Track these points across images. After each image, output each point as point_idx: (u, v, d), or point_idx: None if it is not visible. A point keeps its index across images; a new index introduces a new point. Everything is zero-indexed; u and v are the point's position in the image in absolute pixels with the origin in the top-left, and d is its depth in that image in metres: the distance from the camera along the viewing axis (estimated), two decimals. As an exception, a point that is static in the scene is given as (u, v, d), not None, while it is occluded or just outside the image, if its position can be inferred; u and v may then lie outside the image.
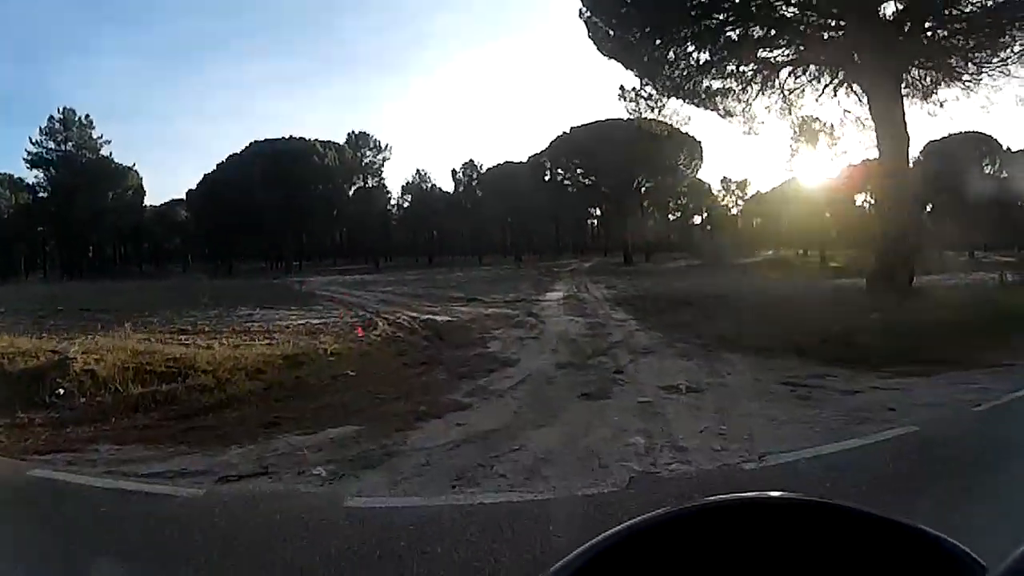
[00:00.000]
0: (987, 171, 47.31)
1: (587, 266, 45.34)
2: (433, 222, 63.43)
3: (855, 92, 17.83)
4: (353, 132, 58.32)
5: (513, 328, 12.37)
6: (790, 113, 19.52)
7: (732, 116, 19.09)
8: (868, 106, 17.05)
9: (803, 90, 18.65)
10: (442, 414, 6.00)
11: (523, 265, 47.77)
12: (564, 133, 52.56)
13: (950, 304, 12.54)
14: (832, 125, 25.74)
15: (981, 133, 42.37)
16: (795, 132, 52.64)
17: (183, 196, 57.21)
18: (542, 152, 54.53)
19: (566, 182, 55.65)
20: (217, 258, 57.38)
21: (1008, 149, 45.40)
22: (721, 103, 18.98)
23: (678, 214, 66.26)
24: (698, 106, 19.56)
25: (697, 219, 67.12)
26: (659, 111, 22.69)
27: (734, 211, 66.07)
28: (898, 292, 13.99)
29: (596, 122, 50.29)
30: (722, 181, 64.23)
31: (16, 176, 49.90)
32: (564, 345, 10.28)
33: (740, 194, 64.99)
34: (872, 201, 40.48)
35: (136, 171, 52.76)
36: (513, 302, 18.35)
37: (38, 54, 77.72)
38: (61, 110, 49.75)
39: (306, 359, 8.36)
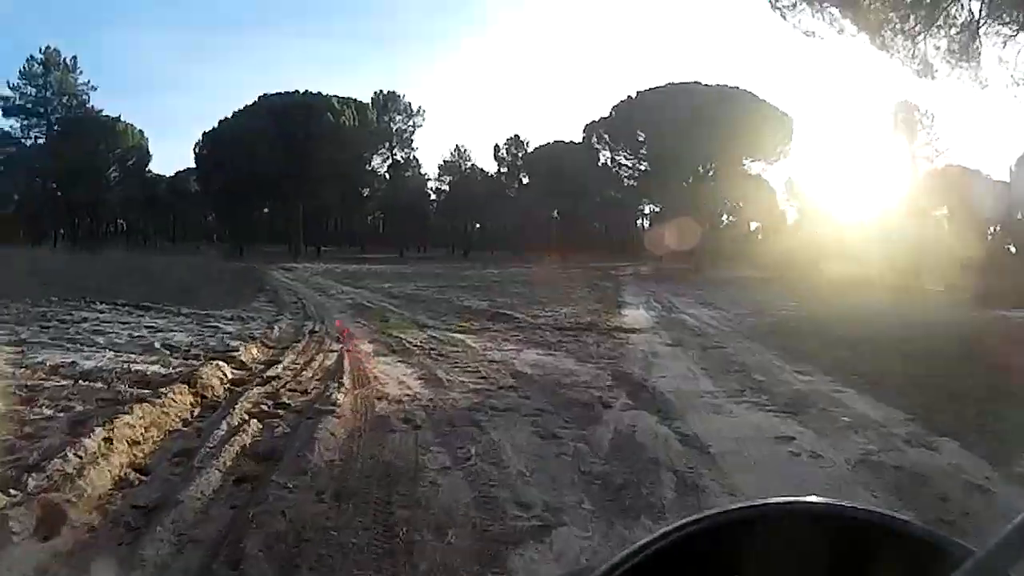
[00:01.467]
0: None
1: (645, 270, 36.60)
2: (471, 208, 55.40)
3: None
4: (380, 91, 50.79)
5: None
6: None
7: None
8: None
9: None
10: None
11: (569, 264, 39.35)
12: (628, 98, 44.28)
13: None
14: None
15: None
16: (894, 119, 44.05)
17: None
18: (599, 122, 46.26)
19: (623, 163, 47.29)
20: (234, 237, 50.41)
21: None
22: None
23: (731, 217, 55.25)
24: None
25: (754, 224, 55.96)
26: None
27: (793, 217, 55.29)
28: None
29: (668, 85, 42.29)
30: (786, 183, 53.45)
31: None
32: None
33: (800, 199, 54.40)
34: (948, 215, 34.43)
35: (136, 128, 45.93)
36: (576, 329, 10.57)
37: (68, 27, 72.31)
38: (42, 50, 43.01)
39: None
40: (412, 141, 52.46)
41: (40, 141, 43.50)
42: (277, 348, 8.19)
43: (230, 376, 6.13)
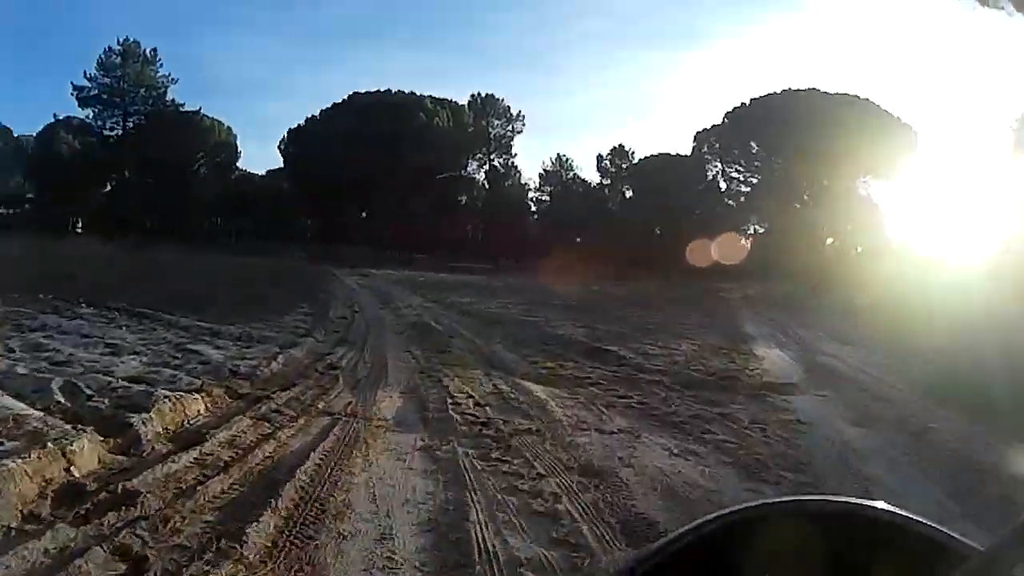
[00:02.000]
0: None
1: (752, 292, 31.55)
2: (572, 221, 52.03)
3: None
4: (477, 94, 48.13)
5: None
6: None
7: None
8: None
9: None
10: None
11: (672, 283, 34.93)
12: (742, 104, 39.94)
13: None
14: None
15: None
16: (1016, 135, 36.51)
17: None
18: (710, 130, 42.13)
19: (733, 175, 43.87)
20: (325, 238, 49.16)
21: None
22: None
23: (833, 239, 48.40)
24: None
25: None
26: None
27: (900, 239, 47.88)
28: None
29: (784, 91, 37.98)
30: (898, 202, 45.97)
31: (74, 117, 42.21)
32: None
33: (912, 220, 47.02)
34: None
35: (224, 124, 44.46)
36: (712, 387, 7.07)
37: (181, 27, 75.09)
38: (120, 40, 41.35)
39: None
40: (511, 147, 49.58)
41: (117, 132, 41.89)
42: (242, 402, 5.14)
43: (64, 480, 3.08)
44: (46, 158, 39.94)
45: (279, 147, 44.06)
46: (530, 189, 53.84)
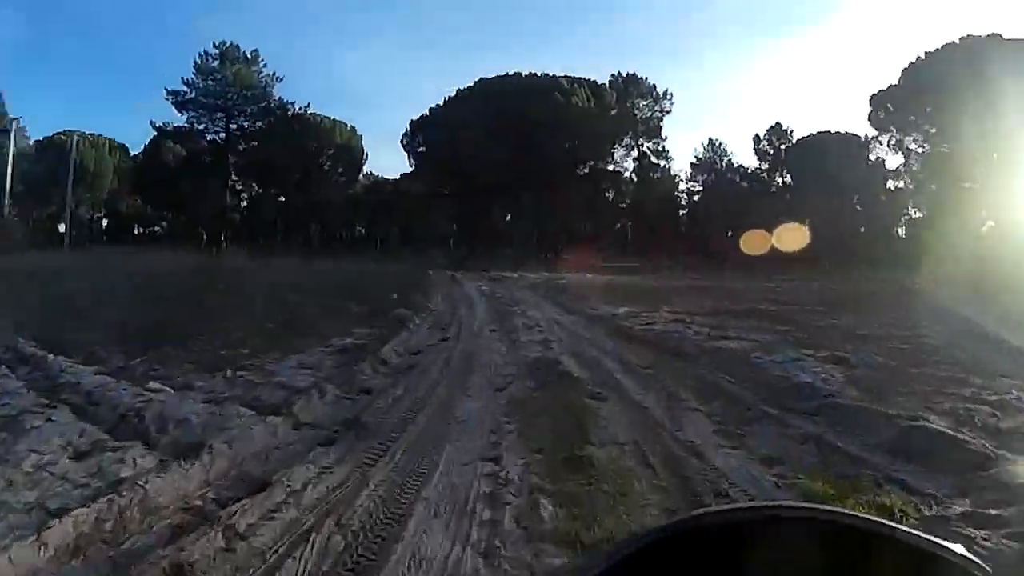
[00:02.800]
0: None
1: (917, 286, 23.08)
2: (728, 211, 45.35)
3: None
4: (618, 73, 41.78)
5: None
6: None
7: None
8: None
9: None
10: None
11: (838, 278, 27.06)
12: (917, 59, 32.01)
13: None
14: None
15: None
16: None
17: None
18: (886, 91, 34.40)
19: (911, 146, 37.37)
20: (465, 241, 45.93)
21: None
22: None
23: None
24: None
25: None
26: None
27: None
28: None
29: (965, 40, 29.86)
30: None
31: (169, 123, 39.31)
32: None
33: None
34: None
35: (347, 125, 41.38)
36: None
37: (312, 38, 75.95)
38: (216, 44, 38.44)
39: None
40: (661, 129, 43.33)
41: (221, 135, 39.00)
42: None
43: None
44: (152, 170, 38.64)
45: (401, 141, 40.82)
46: (680, 180, 47.68)
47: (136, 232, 46.98)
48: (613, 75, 41.80)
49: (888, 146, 38.61)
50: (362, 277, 15.84)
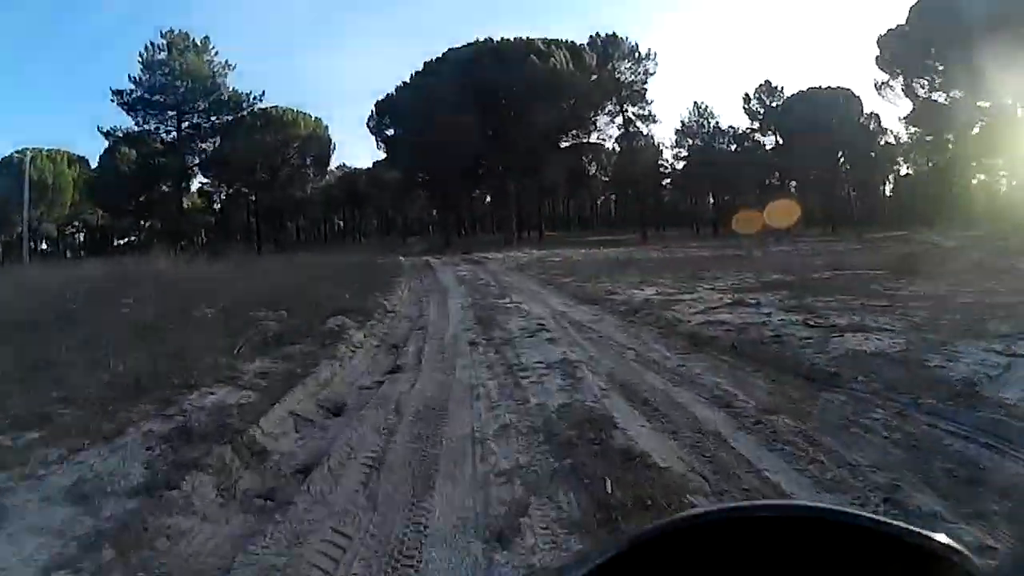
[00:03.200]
0: None
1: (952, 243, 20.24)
2: (717, 177, 43.09)
3: None
4: (597, 34, 38.67)
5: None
6: None
7: None
8: None
9: None
10: None
11: (839, 242, 24.16)
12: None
13: None
14: None
15: None
16: None
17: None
18: (894, 30, 32.58)
19: (919, 92, 33.76)
20: (445, 227, 42.58)
21: None
22: None
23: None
24: None
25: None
26: None
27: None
28: None
29: None
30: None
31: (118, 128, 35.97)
32: None
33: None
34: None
35: (311, 116, 38.42)
36: None
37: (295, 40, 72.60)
38: (163, 32, 34.90)
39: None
40: (645, 93, 40.06)
41: (173, 136, 35.53)
42: None
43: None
44: (108, 179, 35.32)
45: (367, 124, 37.20)
46: (665, 147, 45.10)
47: (115, 244, 43.88)
48: (592, 36, 38.67)
49: (897, 91, 35.46)
50: (320, 272, 12.73)
